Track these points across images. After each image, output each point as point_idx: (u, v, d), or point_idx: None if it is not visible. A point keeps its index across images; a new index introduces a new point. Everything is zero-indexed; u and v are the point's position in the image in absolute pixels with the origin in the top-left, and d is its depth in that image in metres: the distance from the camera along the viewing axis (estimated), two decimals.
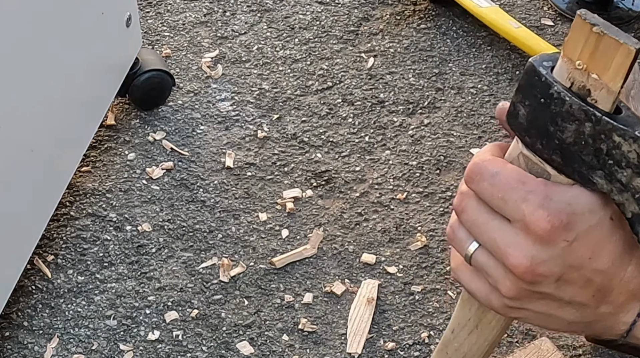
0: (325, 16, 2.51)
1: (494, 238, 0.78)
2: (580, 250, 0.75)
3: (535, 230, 0.75)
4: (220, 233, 1.98)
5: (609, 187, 0.74)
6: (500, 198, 0.77)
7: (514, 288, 0.77)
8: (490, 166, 0.78)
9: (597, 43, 0.72)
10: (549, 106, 0.75)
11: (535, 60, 0.76)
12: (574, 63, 0.74)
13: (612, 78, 0.72)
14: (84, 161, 2.08)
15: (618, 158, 0.73)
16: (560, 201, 0.75)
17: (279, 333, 1.83)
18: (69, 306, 1.85)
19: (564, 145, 0.75)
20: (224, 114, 2.24)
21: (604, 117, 0.73)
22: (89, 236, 1.96)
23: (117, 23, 2.05)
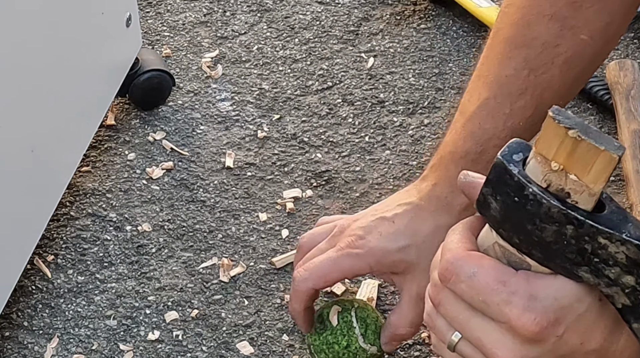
0: (325, 16, 2.51)
1: (478, 337, 0.75)
2: (571, 339, 0.73)
3: (524, 333, 0.72)
4: (220, 233, 1.98)
5: (596, 281, 0.71)
6: (481, 301, 0.73)
7: None
8: (466, 266, 0.74)
9: (574, 146, 0.68)
10: (524, 206, 0.70)
11: (505, 154, 0.71)
12: (550, 163, 0.69)
13: (593, 181, 0.69)
14: (84, 161, 2.08)
15: (605, 257, 0.69)
16: (546, 298, 0.72)
17: (279, 333, 1.83)
18: (69, 306, 1.85)
19: (544, 243, 0.71)
20: (224, 114, 2.24)
21: (587, 221, 0.68)
22: (89, 236, 1.96)
23: (117, 23, 2.05)
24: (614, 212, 0.70)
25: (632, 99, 2.22)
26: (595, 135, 0.67)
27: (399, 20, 2.51)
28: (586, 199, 0.69)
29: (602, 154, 0.67)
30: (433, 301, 0.77)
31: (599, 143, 0.67)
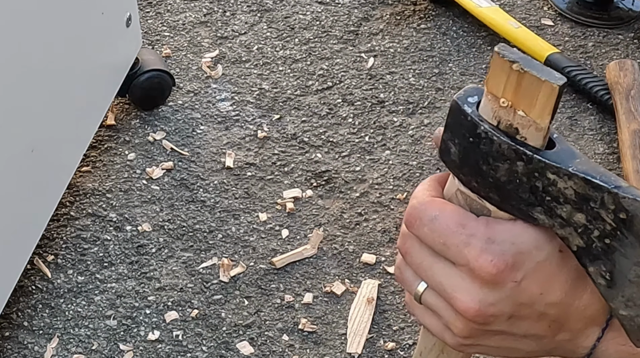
0: (325, 16, 2.51)
1: (440, 281, 0.75)
2: (530, 287, 0.73)
3: (481, 274, 0.72)
4: (220, 233, 1.98)
5: (551, 222, 0.72)
6: (441, 243, 0.74)
7: (466, 329, 0.75)
8: (429, 209, 0.75)
9: (519, 80, 0.69)
10: (478, 145, 0.72)
11: (460, 97, 0.73)
12: (499, 100, 0.70)
13: (539, 115, 0.69)
14: (84, 161, 2.08)
15: (555, 194, 0.70)
16: (503, 242, 0.72)
17: (279, 333, 1.83)
18: (69, 306, 1.85)
19: (499, 183, 0.72)
20: (224, 114, 2.24)
21: (535, 156, 0.69)
22: (89, 236, 1.96)
23: (117, 23, 2.05)
24: (563, 149, 0.70)
25: (632, 99, 2.22)
26: (538, 68, 0.69)
27: (399, 20, 2.51)
28: (534, 134, 0.70)
29: (544, 85, 0.68)
30: (401, 251, 0.79)
31: (540, 74, 0.68)
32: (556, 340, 0.77)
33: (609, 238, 0.70)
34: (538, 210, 0.72)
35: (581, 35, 2.51)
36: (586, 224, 0.70)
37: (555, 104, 0.69)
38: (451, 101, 0.73)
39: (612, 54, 2.45)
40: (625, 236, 0.69)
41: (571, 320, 0.75)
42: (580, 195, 0.69)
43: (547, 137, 0.71)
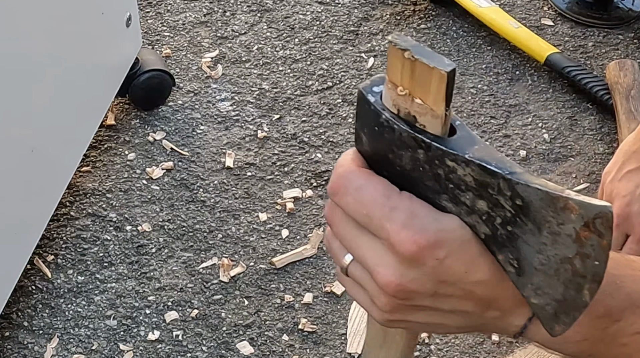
0: (325, 16, 2.51)
1: (363, 254, 0.74)
2: (454, 266, 0.71)
3: (401, 250, 0.70)
4: (220, 233, 1.98)
5: (457, 210, 0.71)
6: (364, 215, 0.72)
7: (389, 304, 0.74)
8: (355, 179, 0.73)
9: (412, 68, 0.69)
10: (382, 134, 0.72)
11: (365, 86, 0.73)
12: (397, 89, 0.70)
13: (434, 102, 0.69)
14: (84, 161, 2.08)
15: (457, 182, 0.70)
16: (426, 218, 0.71)
17: (279, 333, 1.83)
18: (69, 306, 1.85)
19: (405, 172, 0.72)
20: (224, 114, 2.24)
21: (433, 144, 0.70)
22: (89, 236, 1.96)
23: (117, 23, 2.05)
24: (463, 137, 0.70)
25: (632, 99, 2.22)
26: (429, 55, 0.69)
27: (399, 20, 2.51)
28: (432, 122, 0.70)
29: (434, 72, 0.68)
30: (328, 221, 0.78)
31: (430, 61, 0.68)
32: (485, 316, 0.75)
33: (511, 225, 0.69)
34: (444, 198, 0.72)
35: (581, 35, 2.50)
36: (489, 211, 0.70)
37: (447, 91, 0.68)
38: (358, 91, 0.73)
39: (612, 54, 2.45)
40: (524, 222, 0.69)
41: (500, 299, 0.74)
42: (479, 182, 0.69)
43: (447, 124, 0.71)
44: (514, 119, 2.27)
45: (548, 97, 2.33)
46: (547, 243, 0.69)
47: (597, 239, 0.67)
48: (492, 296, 0.74)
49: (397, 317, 0.76)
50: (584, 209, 0.66)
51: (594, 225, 0.66)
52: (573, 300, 0.70)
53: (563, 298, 0.70)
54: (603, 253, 0.67)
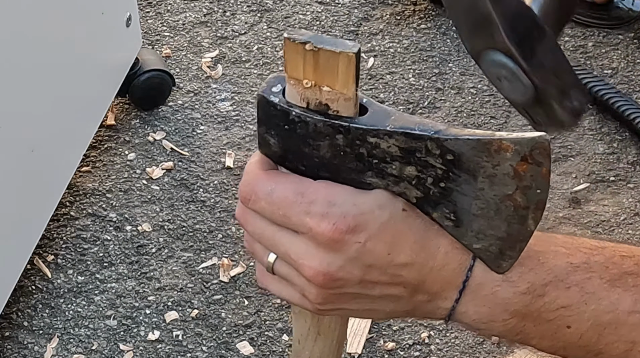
0: (325, 16, 2.51)
1: (286, 250, 0.75)
2: (376, 248, 0.73)
3: (324, 240, 0.72)
4: (220, 233, 1.98)
5: (384, 182, 0.73)
6: (281, 215, 0.73)
7: (320, 295, 0.75)
8: (264, 183, 0.74)
9: (315, 59, 0.70)
10: (294, 130, 0.73)
11: (264, 90, 0.74)
12: (302, 82, 0.71)
13: (343, 86, 0.70)
14: (84, 161, 2.08)
15: (381, 155, 0.71)
16: (344, 203, 0.72)
17: (279, 333, 1.83)
18: (69, 306, 1.85)
19: (324, 161, 0.73)
20: (224, 114, 2.24)
21: (351, 125, 0.71)
22: (89, 236, 1.96)
23: (117, 23, 2.05)
24: (376, 112, 0.72)
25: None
26: (330, 42, 0.70)
27: (399, 20, 2.51)
28: (345, 105, 0.71)
29: (341, 56, 0.69)
30: (241, 223, 0.78)
31: (334, 47, 0.70)
32: (414, 300, 0.76)
33: (444, 181, 0.71)
34: (369, 175, 0.73)
35: (581, 35, 2.51)
36: (418, 174, 0.71)
37: (355, 72, 0.70)
38: (257, 96, 0.74)
39: (612, 54, 2.45)
40: (458, 175, 0.71)
41: (427, 282, 0.75)
42: (405, 149, 0.71)
43: (357, 105, 0.72)
44: (514, 119, 2.27)
45: None
46: (484, 188, 0.70)
47: (535, 168, 0.69)
48: (419, 279, 0.75)
49: (329, 307, 0.77)
50: (519, 145, 0.68)
51: (531, 157, 0.68)
52: (518, 233, 0.72)
53: (507, 234, 0.72)
54: (544, 181, 0.69)
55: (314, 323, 0.84)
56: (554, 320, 0.76)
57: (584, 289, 0.76)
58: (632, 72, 2.40)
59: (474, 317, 0.76)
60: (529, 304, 0.75)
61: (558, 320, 0.76)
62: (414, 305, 0.77)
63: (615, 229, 2.03)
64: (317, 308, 0.77)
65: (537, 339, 0.78)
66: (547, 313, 0.76)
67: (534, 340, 0.78)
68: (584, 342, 0.77)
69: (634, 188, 2.12)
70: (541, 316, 0.76)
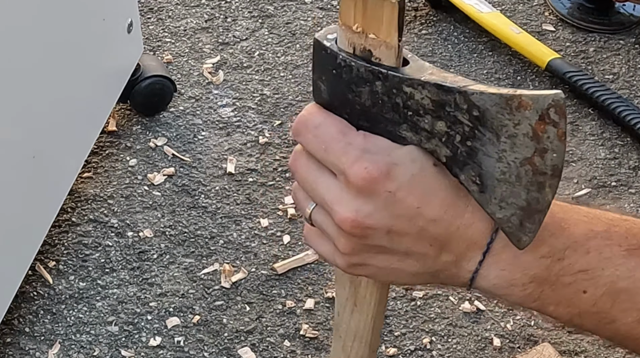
0: (327, 22, 2.51)
1: (323, 195, 0.77)
2: (406, 199, 0.74)
3: (355, 181, 0.74)
4: (221, 239, 1.98)
5: (417, 138, 0.75)
6: (323, 150, 0.76)
7: (349, 244, 0.77)
8: (314, 117, 0.78)
9: (364, 4, 0.73)
10: (340, 75, 0.76)
11: (320, 35, 0.78)
12: (351, 28, 0.75)
13: (387, 34, 0.73)
14: (85, 167, 2.08)
15: (415, 107, 0.74)
16: (378, 152, 0.75)
17: (280, 339, 1.82)
18: (71, 312, 1.85)
19: (364, 109, 0.76)
20: (226, 120, 2.24)
21: (389, 72, 0.74)
22: (91, 242, 1.96)
23: (119, 29, 2.05)
24: (416, 64, 0.75)
25: None
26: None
27: None
28: (386, 54, 0.74)
29: (385, 4, 0.72)
30: (291, 169, 0.82)
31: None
32: (440, 261, 0.78)
33: (470, 140, 0.73)
34: (404, 128, 0.75)
35: (582, 40, 2.51)
36: (447, 131, 0.73)
37: (398, 21, 0.73)
38: (313, 40, 0.78)
39: (614, 59, 2.45)
40: (482, 133, 0.72)
41: (453, 241, 0.76)
42: (436, 102, 0.73)
43: (400, 56, 0.75)
44: None
45: None
46: (506, 149, 0.72)
47: (552, 129, 0.70)
48: (446, 236, 0.76)
49: (357, 260, 0.79)
50: (536, 102, 0.69)
51: (548, 116, 0.69)
52: (536, 202, 0.73)
53: (527, 203, 0.73)
54: (560, 144, 0.70)
55: (351, 293, 0.86)
56: (572, 285, 0.78)
57: (602, 254, 0.77)
58: (634, 78, 2.40)
59: (494, 281, 0.78)
60: (548, 267, 0.77)
61: (575, 285, 0.78)
62: (439, 266, 0.78)
63: None
64: (346, 261, 0.79)
65: (554, 305, 0.79)
66: (565, 278, 0.77)
67: (551, 307, 0.79)
68: (598, 307, 0.78)
69: (636, 193, 2.12)
70: (559, 280, 0.77)
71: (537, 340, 1.83)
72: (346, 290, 0.87)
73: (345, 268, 0.81)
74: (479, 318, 1.87)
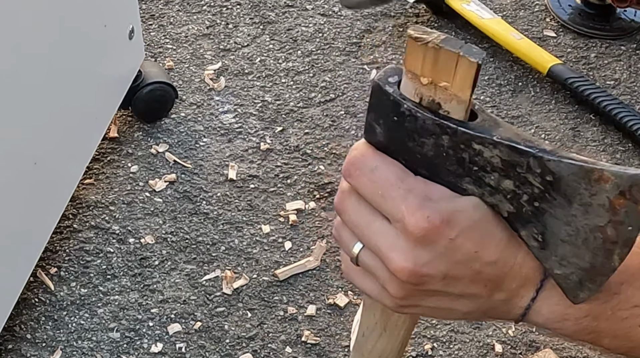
0: (328, 28, 2.52)
1: (376, 240, 0.75)
2: (465, 245, 0.73)
3: (415, 231, 0.72)
4: (223, 245, 1.98)
5: (480, 191, 0.73)
6: (379, 196, 0.74)
7: (402, 290, 0.75)
8: (370, 160, 0.75)
9: (436, 57, 0.70)
10: (402, 123, 0.73)
11: (381, 78, 0.74)
12: (419, 78, 0.72)
13: (460, 88, 0.71)
14: (86, 173, 2.08)
15: (482, 164, 0.72)
16: (440, 200, 0.73)
17: (282, 345, 1.82)
18: (72, 318, 1.85)
19: (426, 159, 0.74)
20: (227, 126, 2.24)
21: (459, 129, 0.71)
22: (92, 249, 1.96)
23: (120, 36, 2.05)
24: (486, 120, 0.72)
25: None
26: (453, 43, 0.71)
27: (401, 32, 2.51)
28: (456, 108, 0.71)
29: (461, 59, 0.69)
30: (338, 209, 0.79)
31: (456, 48, 0.70)
32: (492, 300, 0.76)
33: (538, 201, 0.71)
34: (467, 181, 0.73)
35: (583, 46, 2.51)
36: (514, 189, 0.71)
37: (474, 78, 0.70)
38: (372, 83, 0.74)
39: (615, 65, 2.45)
40: (554, 197, 0.70)
41: (507, 280, 0.75)
42: (507, 162, 0.71)
43: (469, 109, 0.72)
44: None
45: (551, 108, 2.33)
46: (577, 215, 0.70)
47: (632, 205, 0.69)
48: (501, 276, 0.75)
49: (408, 303, 0.77)
50: (619, 178, 0.68)
51: (630, 193, 0.68)
52: (601, 266, 0.72)
53: (590, 266, 0.72)
54: (638, 218, 0.69)
55: (383, 319, 0.85)
56: (628, 319, 0.77)
57: None
58: (635, 83, 2.40)
59: (547, 316, 0.77)
60: (604, 302, 0.76)
61: (632, 319, 0.77)
62: (491, 305, 0.77)
63: None
64: (396, 303, 0.77)
65: (609, 339, 0.78)
66: (621, 312, 0.76)
67: (605, 340, 0.79)
68: None
69: None
70: (615, 314, 0.76)
71: (539, 346, 1.83)
72: (376, 316, 0.85)
73: (393, 308, 0.79)
74: (481, 324, 1.87)
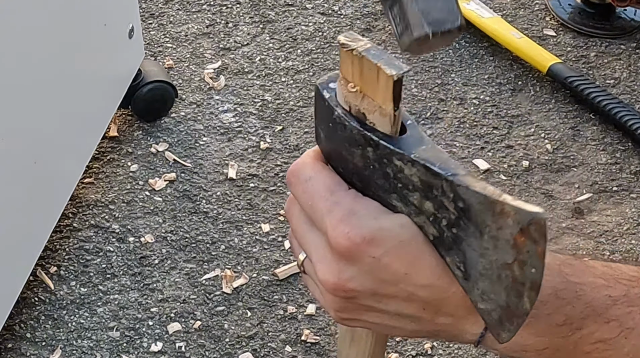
0: (328, 27, 2.51)
1: (309, 250, 0.74)
2: (392, 265, 0.70)
3: (336, 246, 0.70)
4: (223, 245, 1.98)
5: (407, 210, 0.71)
6: (310, 206, 0.73)
7: (333, 302, 0.74)
8: (307, 170, 0.74)
9: (361, 65, 0.68)
10: (336, 130, 0.72)
11: (322, 82, 0.73)
12: (348, 85, 0.70)
13: (383, 101, 0.69)
14: (86, 172, 2.08)
15: (405, 181, 0.69)
16: (366, 216, 0.71)
17: (282, 344, 1.82)
18: (72, 317, 1.85)
19: (357, 169, 0.72)
20: (227, 125, 2.24)
21: (381, 142, 0.69)
22: (92, 248, 1.96)
23: (120, 35, 2.05)
24: (412, 136, 0.70)
25: None
26: (377, 53, 0.69)
27: None
28: (381, 120, 0.69)
29: (381, 71, 0.67)
30: (286, 216, 0.78)
31: (377, 60, 0.67)
32: (437, 323, 0.74)
33: (455, 228, 0.69)
34: (394, 197, 0.71)
35: (583, 45, 2.51)
36: (435, 213, 0.69)
37: (394, 91, 0.68)
38: (314, 86, 0.73)
39: (615, 64, 2.45)
40: (467, 226, 0.68)
41: (450, 305, 0.72)
42: (425, 183, 0.69)
43: (397, 123, 0.70)
44: (517, 129, 2.27)
45: (550, 107, 2.33)
46: (489, 248, 0.67)
47: (532, 245, 0.65)
48: (440, 301, 0.72)
49: (347, 315, 0.76)
50: (519, 214, 0.65)
51: (528, 231, 0.65)
52: (515, 307, 0.69)
53: (506, 305, 0.69)
54: (539, 261, 0.65)
55: (349, 328, 0.83)
56: (591, 353, 0.74)
57: (624, 324, 0.73)
58: (635, 83, 2.40)
59: (505, 345, 0.73)
60: (565, 336, 0.73)
61: (595, 353, 0.74)
62: (437, 328, 0.75)
63: (618, 239, 2.03)
64: (336, 315, 0.76)
65: None
66: (584, 346, 0.74)
67: None
68: None
69: (637, 198, 2.12)
70: (577, 348, 0.74)
71: None
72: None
73: (336, 320, 0.78)
74: None
